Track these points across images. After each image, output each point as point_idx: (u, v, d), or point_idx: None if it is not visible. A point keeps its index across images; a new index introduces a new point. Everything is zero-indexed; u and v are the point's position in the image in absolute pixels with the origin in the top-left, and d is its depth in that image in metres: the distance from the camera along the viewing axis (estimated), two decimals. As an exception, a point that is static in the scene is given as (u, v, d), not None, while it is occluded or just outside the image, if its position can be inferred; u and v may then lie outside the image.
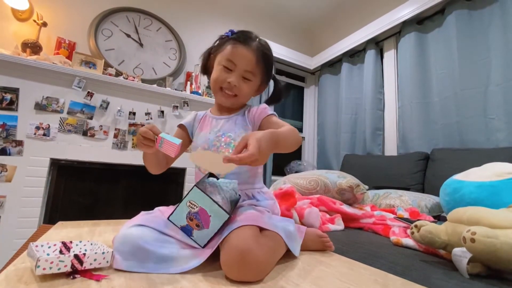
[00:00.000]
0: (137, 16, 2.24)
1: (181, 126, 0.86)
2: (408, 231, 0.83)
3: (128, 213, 0.70)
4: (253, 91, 0.81)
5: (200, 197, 0.56)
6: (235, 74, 0.75)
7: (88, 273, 0.48)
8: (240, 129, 0.78)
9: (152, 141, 0.61)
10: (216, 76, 0.77)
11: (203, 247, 0.57)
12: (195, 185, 0.58)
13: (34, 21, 1.81)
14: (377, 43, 2.42)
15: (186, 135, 0.86)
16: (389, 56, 2.34)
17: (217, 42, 0.81)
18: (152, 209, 0.69)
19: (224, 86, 0.77)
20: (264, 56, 0.77)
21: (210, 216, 0.56)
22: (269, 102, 0.88)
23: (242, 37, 0.75)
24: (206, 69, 0.85)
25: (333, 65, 2.90)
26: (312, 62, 3.04)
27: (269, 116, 0.78)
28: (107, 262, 0.51)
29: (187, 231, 0.58)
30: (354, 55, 2.64)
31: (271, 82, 0.89)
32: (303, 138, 3.15)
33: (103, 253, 0.50)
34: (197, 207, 0.56)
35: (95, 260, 0.49)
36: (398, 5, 2.16)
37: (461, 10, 1.78)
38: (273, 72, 0.85)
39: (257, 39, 0.78)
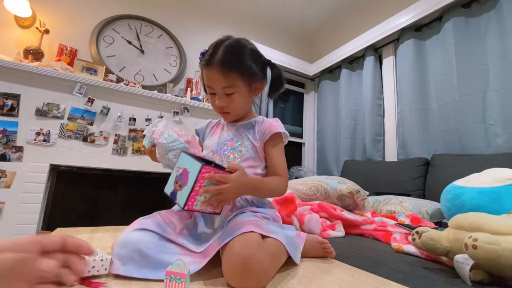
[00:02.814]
0: (138, 23, 2.27)
1: (195, 131, 0.95)
2: (410, 238, 0.82)
3: (127, 220, 0.70)
4: (245, 97, 0.79)
5: (184, 159, 0.61)
6: (217, 96, 0.77)
7: (86, 281, 0.47)
8: (247, 135, 0.81)
9: None
10: (210, 103, 0.82)
11: (183, 207, 0.55)
12: (183, 151, 0.64)
13: (37, 28, 1.83)
14: (376, 50, 2.44)
15: (198, 141, 0.92)
16: (388, 63, 2.36)
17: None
18: (152, 215, 0.69)
19: (218, 110, 0.81)
20: (229, 64, 0.72)
21: (189, 172, 0.57)
22: (270, 93, 0.86)
23: (206, 59, 0.74)
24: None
25: (332, 72, 2.92)
26: (312, 69, 3.07)
27: (276, 136, 0.79)
28: (106, 269, 0.50)
29: (173, 195, 0.59)
30: (353, 61, 2.66)
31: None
32: (303, 144, 3.16)
33: (101, 260, 0.50)
34: (181, 169, 0.60)
35: (93, 267, 0.49)
36: (396, 12, 2.19)
37: (458, 17, 1.80)
38: (258, 62, 0.79)
39: (219, 50, 0.73)
